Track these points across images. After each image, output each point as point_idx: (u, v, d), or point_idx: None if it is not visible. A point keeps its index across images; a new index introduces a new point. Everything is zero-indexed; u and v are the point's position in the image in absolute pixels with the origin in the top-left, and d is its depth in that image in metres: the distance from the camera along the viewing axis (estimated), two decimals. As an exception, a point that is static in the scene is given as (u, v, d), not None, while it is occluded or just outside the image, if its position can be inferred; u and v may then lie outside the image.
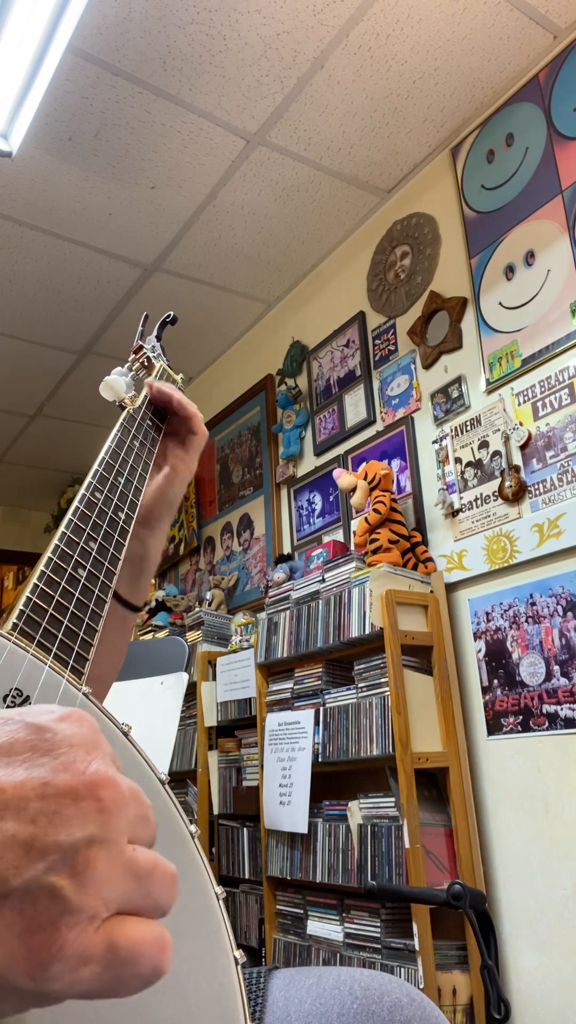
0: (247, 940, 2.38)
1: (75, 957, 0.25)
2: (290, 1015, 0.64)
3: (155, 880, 0.28)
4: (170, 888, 0.28)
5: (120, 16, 1.93)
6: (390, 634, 1.94)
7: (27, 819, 0.25)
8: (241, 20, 1.96)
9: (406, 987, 0.66)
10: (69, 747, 0.27)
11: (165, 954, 0.27)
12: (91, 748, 0.28)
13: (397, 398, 2.48)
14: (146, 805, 0.29)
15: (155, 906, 0.28)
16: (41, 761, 0.26)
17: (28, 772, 0.26)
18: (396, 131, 2.36)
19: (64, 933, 0.24)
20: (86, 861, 0.25)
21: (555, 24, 2.04)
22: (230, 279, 3.02)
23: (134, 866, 0.27)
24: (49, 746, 0.27)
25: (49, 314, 3.16)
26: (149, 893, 0.27)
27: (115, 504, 0.69)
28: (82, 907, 0.25)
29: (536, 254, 2.08)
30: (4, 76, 2.00)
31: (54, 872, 0.25)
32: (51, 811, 0.25)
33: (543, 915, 1.78)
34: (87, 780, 0.26)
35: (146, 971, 0.26)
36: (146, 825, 0.29)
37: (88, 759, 0.27)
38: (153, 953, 0.26)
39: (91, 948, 0.25)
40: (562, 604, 1.84)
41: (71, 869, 0.25)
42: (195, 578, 3.55)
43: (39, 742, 0.27)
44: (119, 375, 0.89)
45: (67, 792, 0.26)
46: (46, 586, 0.55)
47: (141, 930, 0.26)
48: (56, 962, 0.24)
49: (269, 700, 2.37)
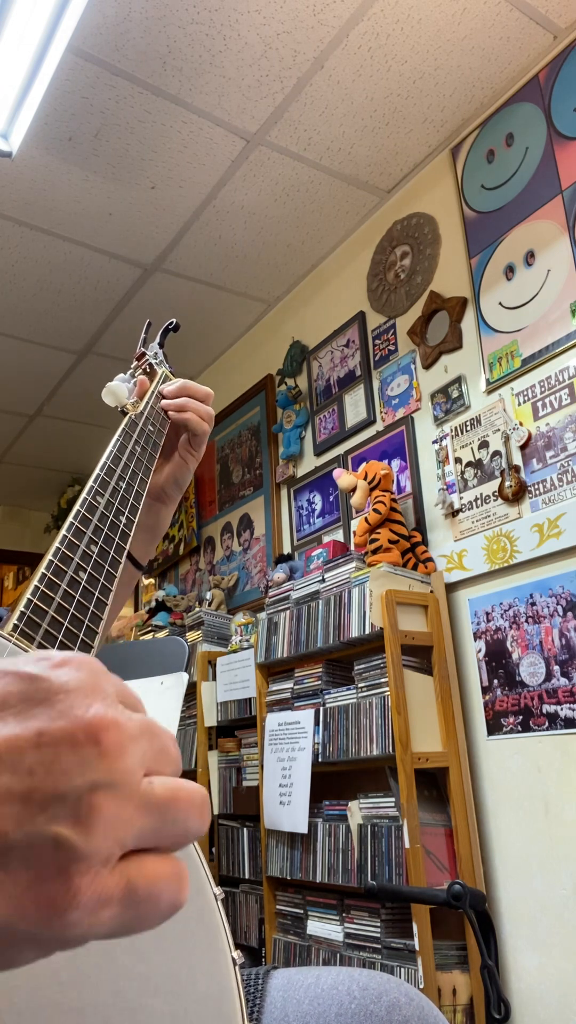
0: (247, 940, 2.39)
1: (92, 901, 0.25)
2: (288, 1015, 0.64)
3: (179, 807, 0.27)
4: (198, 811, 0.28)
5: (120, 16, 1.93)
6: (390, 634, 1.94)
7: (23, 771, 0.25)
8: (241, 20, 1.96)
9: (404, 987, 0.66)
10: (65, 693, 0.26)
11: (183, 887, 0.27)
12: (89, 691, 0.27)
13: (397, 398, 2.49)
14: (162, 737, 0.29)
15: (183, 832, 0.28)
16: (36, 711, 0.26)
17: (22, 724, 0.25)
18: (396, 131, 2.36)
19: (77, 880, 0.24)
20: (90, 806, 0.25)
21: (555, 24, 2.04)
22: (230, 279, 3.02)
23: (150, 800, 0.27)
24: (44, 695, 0.26)
25: (49, 314, 3.16)
26: (173, 822, 0.27)
27: (116, 508, 0.69)
28: (91, 852, 0.25)
29: (536, 254, 2.08)
30: (4, 76, 2.00)
31: (56, 822, 0.24)
32: (48, 761, 0.25)
33: (543, 915, 1.78)
34: (85, 724, 0.26)
35: (165, 906, 0.27)
36: (165, 756, 0.28)
37: (87, 703, 0.26)
38: (172, 888, 0.27)
39: (108, 891, 0.25)
40: (562, 604, 1.84)
41: (75, 817, 0.25)
42: (195, 578, 3.55)
43: (33, 692, 0.26)
44: (121, 381, 0.90)
45: (64, 739, 0.25)
46: (47, 588, 0.55)
47: (158, 866, 0.27)
48: (73, 909, 0.24)
49: (269, 700, 2.37)
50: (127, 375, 0.95)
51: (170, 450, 0.92)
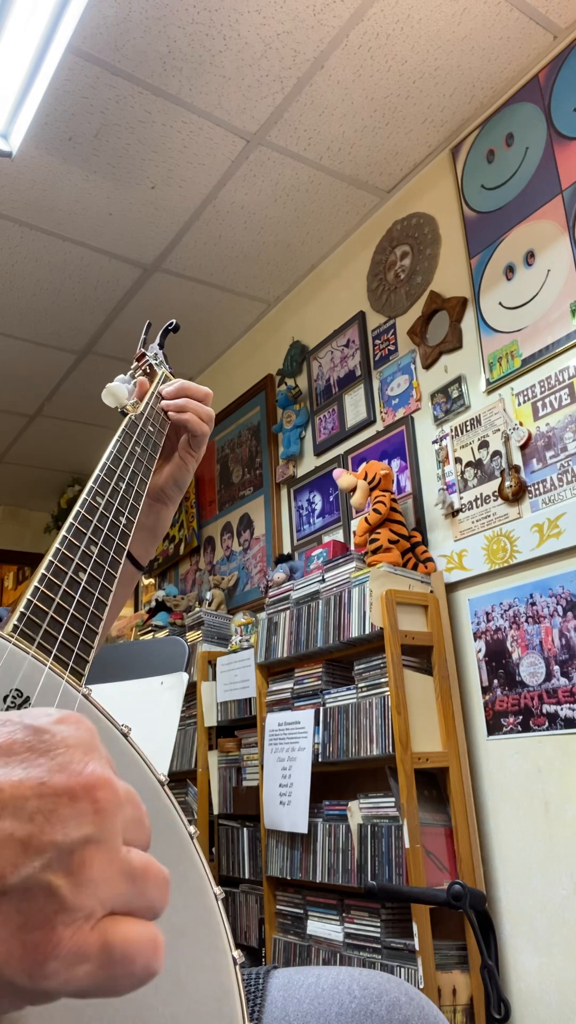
0: (247, 940, 2.39)
1: (71, 955, 0.25)
2: (288, 1015, 0.64)
3: (149, 882, 0.28)
4: (163, 890, 0.29)
5: (120, 16, 1.93)
6: (390, 634, 1.94)
7: (24, 818, 0.25)
8: (241, 20, 1.96)
9: (404, 986, 0.66)
10: (66, 748, 0.27)
11: (158, 954, 0.27)
12: (88, 750, 0.28)
13: (397, 398, 2.49)
14: (141, 809, 0.30)
15: (148, 907, 0.28)
16: (39, 762, 0.27)
17: (26, 772, 0.26)
18: (396, 131, 2.36)
19: (60, 931, 0.25)
20: (82, 860, 0.26)
21: (555, 24, 2.04)
22: (230, 279, 3.02)
23: (128, 867, 0.27)
24: (46, 747, 0.27)
25: (49, 314, 3.16)
26: (143, 894, 0.28)
27: (116, 509, 0.69)
28: (78, 905, 0.25)
29: (536, 254, 2.08)
30: (4, 76, 2.00)
31: (50, 870, 0.25)
32: (48, 810, 0.26)
33: (543, 915, 1.78)
34: (84, 781, 0.27)
35: (139, 970, 0.27)
36: (141, 828, 0.29)
37: (85, 760, 0.27)
38: (147, 953, 0.27)
39: (86, 947, 0.25)
40: (562, 604, 1.84)
41: (67, 868, 0.25)
42: (195, 578, 3.55)
43: (37, 743, 0.27)
44: (121, 382, 0.90)
45: (64, 792, 0.26)
46: (47, 589, 0.55)
47: (135, 930, 0.27)
48: (52, 959, 0.25)
49: (269, 700, 2.38)
50: (127, 376, 0.95)
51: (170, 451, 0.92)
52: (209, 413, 0.93)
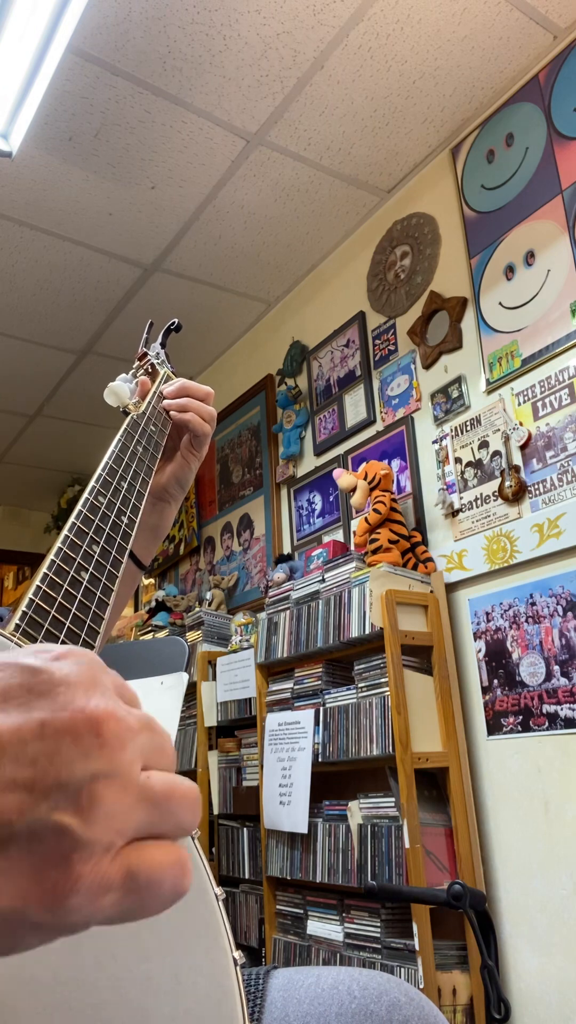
0: (247, 940, 2.39)
1: (93, 888, 0.25)
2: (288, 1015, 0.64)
3: (174, 802, 0.28)
4: (192, 808, 0.29)
5: (120, 16, 1.93)
6: (390, 634, 1.94)
7: (26, 761, 0.25)
8: (241, 20, 1.96)
9: (404, 986, 0.66)
10: (66, 686, 0.27)
11: (186, 874, 0.27)
12: (90, 684, 0.27)
13: (397, 398, 2.49)
14: (160, 734, 0.29)
15: (176, 827, 0.28)
16: (38, 703, 0.26)
17: (25, 715, 0.26)
18: (396, 131, 2.36)
19: (78, 867, 0.25)
20: (91, 796, 0.25)
21: (555, 24, 2.04)
22: (230, 279, 3.02)
23: (149, 792, 0.27)
24: (46, 687, 0.27)
25: (49, 314, 3.16)
26: (170, 815, 0.28)
27: (118, 508, 0.69)
28: (92, 840, 0.25)
29: (536, 254, 2.08)
30: (4, 76, 2.00)
31: (58, 810, 0.25)
32: (50, 751, 0.25)
33: (543, 915, 1.78)
34: (86, 716, 0.26)
35: (167, 892, 0.27)
36: (162, 753, 0.29)
37: (87, 695, 0.27)
38: (173, 874, 0.27)
39: (109, 878, 0.25)
40: (562, 604, 1.84)
41: (76, 805, 0.25)
42: (195, 578, 3.55)
43: (35, 684, 0.27)
44: (123, 381, 0.90)
45: (66, 730, 0.26)
46: (49, 588, 0.55)
47: (160, 853, 0.27)
48: (74, 895, 0.25)
49: (269, 700, 2.38)
50: (129, 375, 0.95)
51: (172, 450, 0.93)
52: (211, 412, 0.93)
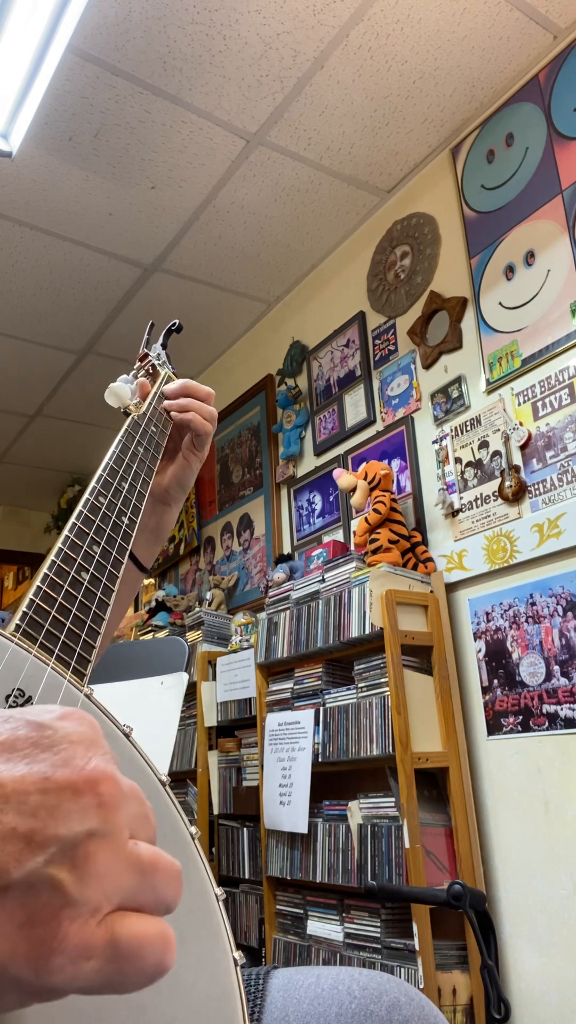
0: (247, 940, 2.39)
1: (76, 950, 0.25)
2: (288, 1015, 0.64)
3: (159, 875, 0.28)
4: (175, 883, 0.28)
5: (120, 16, 1.93)
6: (390, 634, 1.94)
7: (27, 812, 0.25)
8: (241, 20, 1.96)
9: (404, 986, 0.66)
10: (69, 744, 0.27)
11: (169, 950, 0.27)
12: (91, 745, 0.28)
13: (397, 398, 2.49)
14: (146, 804, 0.30)
15: (159, 901, 0.28)
16: (42, 757, 0.27)
17: (29, 767, 0.26)
18: (396, 131, 2.36)
19: (66, 926, 0.25)
20: (86, 854, 0.25)
21: (555, 24, 2.04)
22: (230, 279, 3.02)
23: (136, 861, 0.27)
24: (50, 743, 0.27)
25: (49, 314, 3.16)
26: (153, 888, 0.27)
27: (119, 509, 0.69)
28: (83, 900, 0.25)
29: (536, 254, 2.08)
30: (4, 76, 2.00)
31: (54, 864, 0.25)
32: (51, 805, 0.26)
33: (543, 915, 1.78)
34: (87, 775, 0.27)
35: (149, 967, 0.26)
36: (146, 823, 0.29)
37: (88, 755, 0.27)
38: (157, 949, 0.26)
39: (93, 942, 0.25)
40: (562, 604, 1.84)
41: (72, 862, 0.25)
42: (195, 578, 3.55)
43: (40, 739, 0.27)
44: (124, 382, 0.90)
45: (67, 786, 0.26)
46: (49, 588, 0.55)
47: (144, 925, 0.26)
48: (57, 955, 0.24)
49: (269, 700, 2.38)
50: (130, 376, 0.95)
51: (173, 452, 0.92)
52: (212, 412, 0.94)
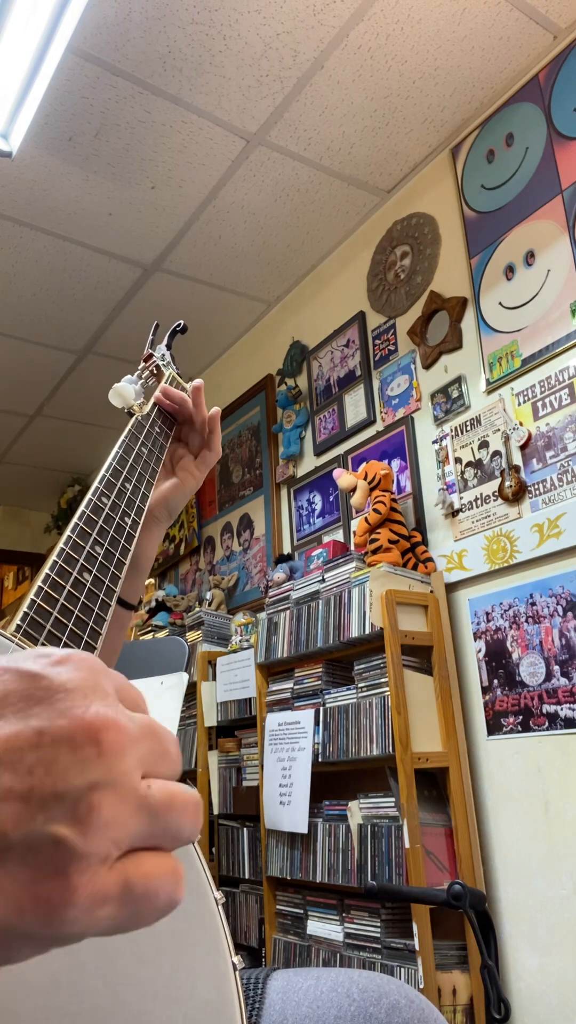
0: (247, 940, 2.39)
1: (90, 900, 0.25)
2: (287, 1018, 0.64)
3: (174, 811, 0.28)
4: (192, 815, 0.28)
5: (120, 16, 1.93)
6: (390, 634, 1.94)
7: (23, 771, 0.25)
8: (241, 20, 1.96)
9: (404, 988, 0.66)
10: (65, 692, 0.26)
11: (179, 885, 0.27)
12: (89, 691, 0.27)
13: (397, 398, 2.49)
14: (163, 739, 0.29)
15: (175, 836, 0.28)
16: (36, 710, 0.26)
17: (22, 723, 0.25)
18: (396, 131, 2.36)
19: (75, 879, 0.24)
20: (89, 806, 0.25)
21: (555, 24, 2.04)
22: (230, 279, 3.02)
23: (148, 802, 0.27)
24: (44, 693, 0.26)
25: (49, 314, 3.16)
26: (168, 825, 0.27)
27: (122, 510, 0.69)
28: (89, 851, 0.25)
29: (536, 254, 2.08)
30: (4, 76, 2.00)
31: (55, 821, 0.25)
32: (48, 760, 0.25)
33: (543, 915, 1.78)
34: (84, 724, 0.26)
35: (162, 903, 0.27)
36: (164, 759, 0.29)
37: (86, 703, 0.26)
38: (168, 885, 0.27)
39: (105, 889, 0.25)
40: (562, 604, 1.84)
41: (73, 816, 0.25)
42: (195, 578, 3.55)
43: (33, 690, 0.26)
44: (128, 383, 0.90)
45: (63, 739, 0.25)
46: (51, 588, 0.55)
47: (154, 865, 0.27)
48: (71, 907, 0.24)
49: (269, 700, 2.38)
50: (134, 376, 0.95)
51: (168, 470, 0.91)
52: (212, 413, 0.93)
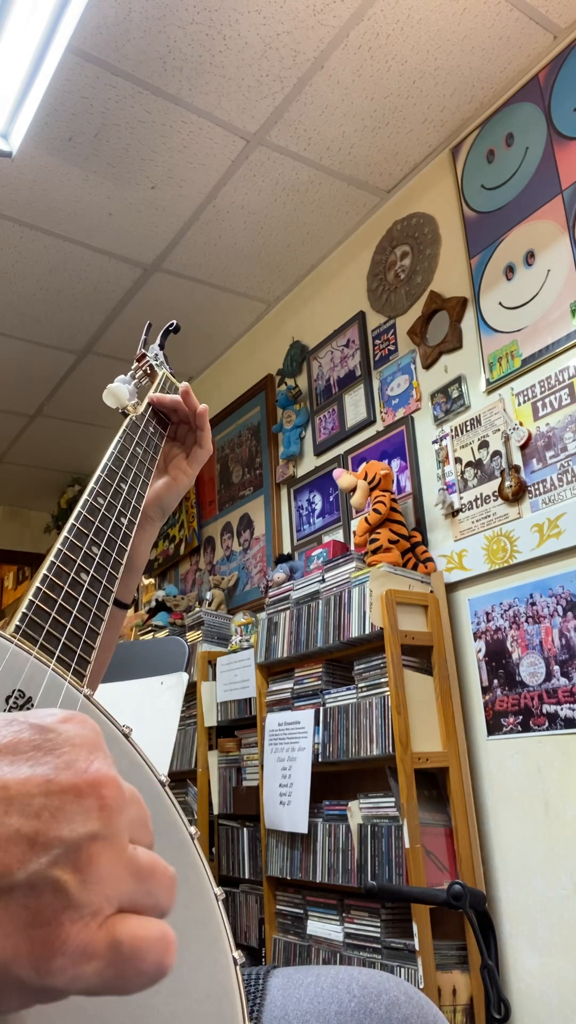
0: (247, 940, 2.39)
1: (78, 952, 0.25)
2: (288, 1014, 0.64)
3: (156, 880, 0.28)
4: (170, 889, 0.29)
5: (120, 16, 1.93)
6: (390, 634, 1.95)
7: (31, 814, 0.25)
8: (241, 20, 1.96)
9: (404, 985, 0.66)
10: (72, 747, 0.28)
11: (169, 952, 0.27)
12: (93, 749, 0.28)
13: (397, 398, 2.49)
14: (145, 810, 0.30)
15: (156, 906, 0.28)
16: (45, 760, 0.27)
17: (32, 770, 0.27)
18: (396, 131, 2.36)
19: (67, 927, 0.25)
20: (88, 856, 0.26)
21: (555, 24, 2.04)
22: (230, 279, 3.02)
23: (135, 865, 0.27)
24: (52, 745, 0.28)
25: (49, 314, 3.16)
26: (150, 892, 0.28)
27: (118, 510, 0.69)
28: (85, 902, 0.25)
29: (536, 254, 2.08)
30: (4, 76, 2.00)
31: (57, 866, 0.25)
32: (54, 807, 0.26)
33: (543, 915, 1.78)
34: (89, 778, 0.27)
35: (150, 968, 0.26)
36: (145, 828, 0.30)
37: (90, 758, 0.28)
38: (158, 950, 0.27)
39: (94, 943, 0.25)
40: (562, 604, 1.84)
41: (74, 864, 0.25)
42: (195, 578, 3.55)
43: (43, 741, 0.28)
44: (122, 383, 0.91)
45: (70, 789, 0.26)
46: (48, 589, 0.55)
47: (145, 927, 0.27)
48: (59, 956, 0.25)
49: (269, 700, 2.38)
50: (128, 376, 0.95)
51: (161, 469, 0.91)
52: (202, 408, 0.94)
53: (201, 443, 0.94)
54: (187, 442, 0.95)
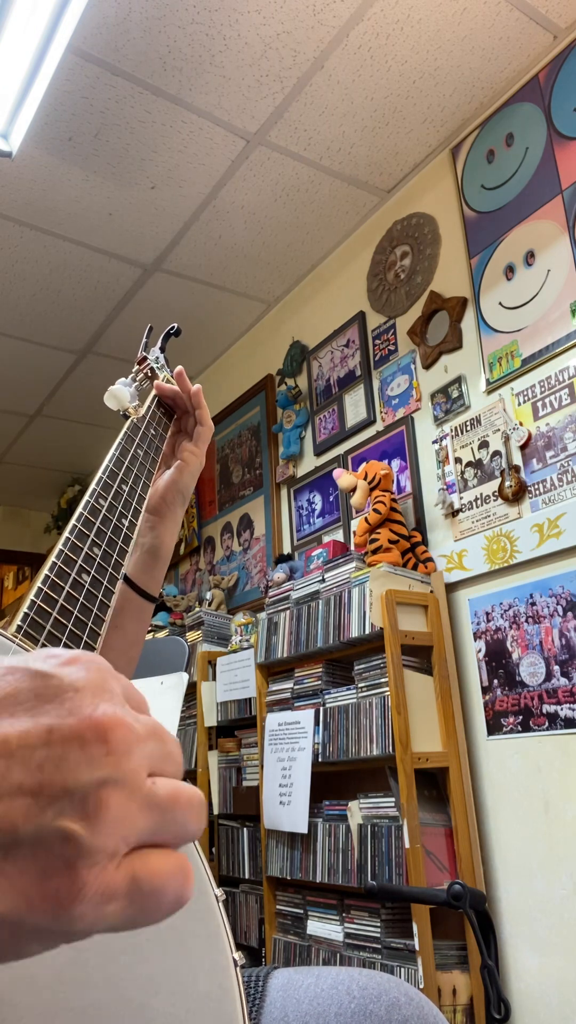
0: (247, 940, 2.39)
1: (97, 896, 0.25)
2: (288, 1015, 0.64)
3: (179, 808, 0.28)
4: (196, 813, 0.29)
5: (120, 16, 1.93)
6: (390, 634, 1.95)
7: (33, 767, 0.25)
8: (241, 20, 1.96)
9: (404, 986, 0.66)
10: (74, 691, 0.27)
11: (188, 882, 0.27)
12: (98, 691, 0.27)
13: (397, 398, 2.49)
14: (168, 741, 0.29)
15: (180, 834, 0.28)
16: (46, 708, 0.26)
17: (33, 720, 0.26)
18: (396, 131, 2.36)
19: (83, 874, 0.25)
20: (97, 802, 0.25)
21: (555, 24, 2.04)
22: (230, 279, 3.02)
23: (154, 799, 0.27)
24: (53, 692, 0.27)
25: (49, 314, 3.16)
26: (173, 822, 0.28)
27: (119, 511, 0.70)
28: (98, 847, 0.25)
29: (536, 254, 2.08)
30: (4, 76, 2.00)
31: (64, 816, 0.25)
32: (57, 757, 0.25)
33: (543, 915, 1.78)
34: (93, 723, 0.26)
35: (170, 900, 0.27)
36: (168, 760, 0.29)
37: (95, 702, 0.27)
38: (176, 882, 0.27)
39: (113, 885, 0.25)
40: (562, 604, 1.84)
41: (83, 812, 0.25)
42: (195, 578, 3.55)
43: (43, 689, 0.27)
44: (123, 385, 0.91)
45: (73, 737, 0.26)
46: (50, 590, 0.55)
47: (162, 862, 0.27)
48: (78, 903, 0.25)
49: (269, 700, 2.38)
50: (128, 379, 0.96)
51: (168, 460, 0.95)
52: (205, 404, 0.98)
53: (201, 421, 0.97)
54: (190, 427, 0.99)
